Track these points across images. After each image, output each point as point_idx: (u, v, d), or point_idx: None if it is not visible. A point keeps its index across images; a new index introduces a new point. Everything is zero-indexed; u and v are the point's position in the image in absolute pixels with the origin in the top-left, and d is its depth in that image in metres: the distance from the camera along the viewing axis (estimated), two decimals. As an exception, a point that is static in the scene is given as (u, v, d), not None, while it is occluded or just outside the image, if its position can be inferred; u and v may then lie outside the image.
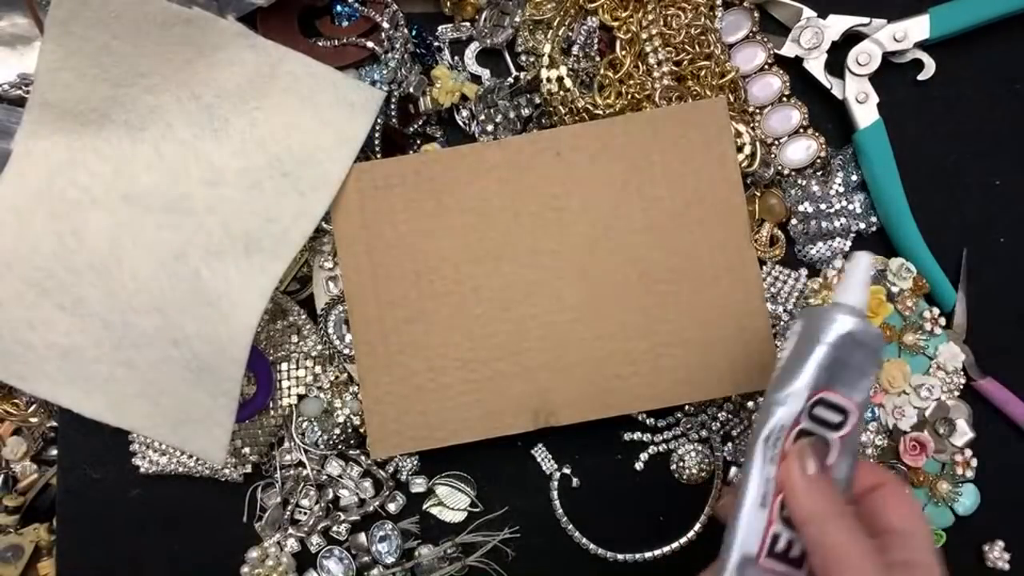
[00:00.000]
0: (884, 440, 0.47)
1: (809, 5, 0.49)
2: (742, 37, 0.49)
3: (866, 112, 0.48)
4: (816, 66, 0.48)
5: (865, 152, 0.48)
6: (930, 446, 0.47)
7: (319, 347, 0.49)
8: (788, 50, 0.49)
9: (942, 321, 0.48)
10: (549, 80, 0.47)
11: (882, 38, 0.48)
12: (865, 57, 0.48)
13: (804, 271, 0.49)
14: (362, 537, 0.49)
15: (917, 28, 0.48)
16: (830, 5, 0.49)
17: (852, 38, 0.48)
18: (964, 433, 0.47)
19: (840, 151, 0.49)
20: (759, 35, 0.49)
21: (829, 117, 0.50)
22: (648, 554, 0.49)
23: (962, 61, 0.50)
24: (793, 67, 0.50)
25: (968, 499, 0.47)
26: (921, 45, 0.48)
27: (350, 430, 0.49)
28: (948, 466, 0.48)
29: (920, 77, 0.49)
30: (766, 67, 0.49)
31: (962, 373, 0.48)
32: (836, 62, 0.49)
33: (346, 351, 0.48)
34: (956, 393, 0.48)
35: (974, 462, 0.48)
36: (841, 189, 0.48)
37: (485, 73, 0.50)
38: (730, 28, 0.50)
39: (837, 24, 0.48)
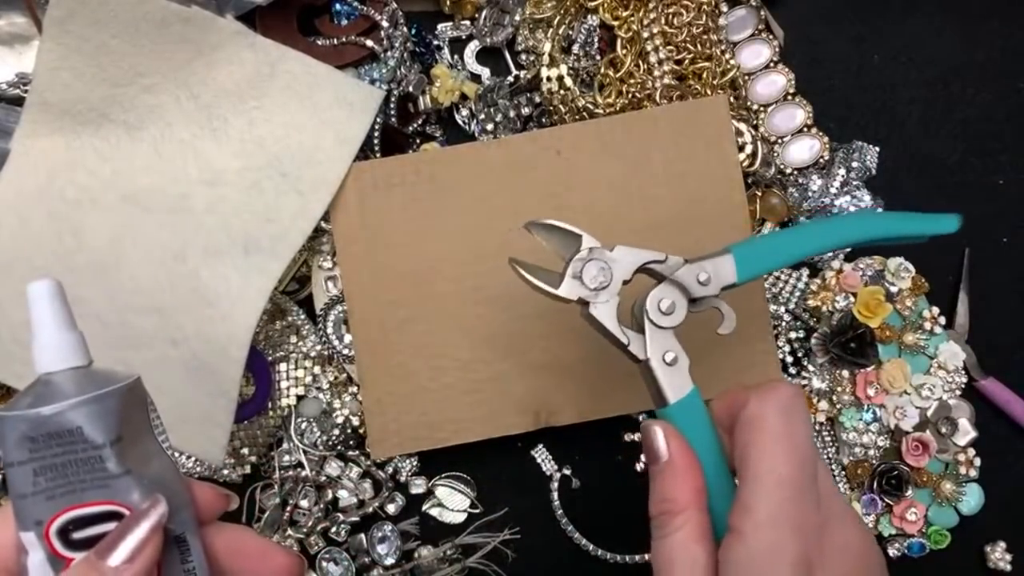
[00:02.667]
0: (886, 441, 0.47)
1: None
2: (748, 35, 0.49)
3: (677, 378, 0.35)
4: (606, 313, 0.35)
5: (683, 431, 0.33)
6: (933, 446, 0.47)
7: (318, 347, 0.49)
8: (566, 289, 0.35)
9: (942, 320, 0.47)
10: (549, 79, 0.47)
11: (683, 278, 0.36)
12: (668, 304, 0.35)
13: (805, 271, 0.49)
14: (361, 538, 0.49)
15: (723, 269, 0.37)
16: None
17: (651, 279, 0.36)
18: (967, 432, 0.47)
19: (842, 147, 0.49)
20: (764, 32, 0.49)
21: (834, 116, 0.50)
22: (648, 554, 0.49)
23: (963, 60, 0.50)
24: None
25: (972, 499, 0.47)
26: (728, 288, 0.37)
27: (349, 431, 0.49)
28: (951, 466, 0.47)
29: (720, 331, 0.38)
30: (771, 64, 0.49)
31: (963, 372, 0.48)
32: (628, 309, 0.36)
33: (345, 351, 0.48)
34: (958, 392, 0.48)
35: (977, 461, 0.47)
36: (842, 187, 0.48)
37: (485, 72, 0.50)
38: (736, 26, 0.49)
39: (626, 259, 0.36)
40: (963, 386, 0.48)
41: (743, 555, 0.29)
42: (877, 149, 0.49)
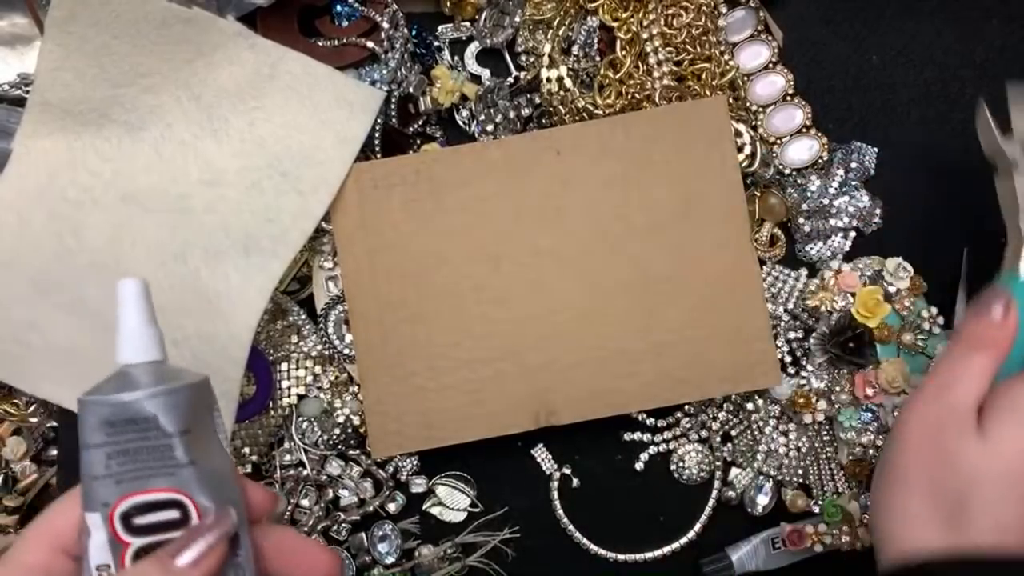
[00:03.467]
0: (885, 440, 0.47)
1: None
2: (747, 36, 0.49)
3: None
4: None
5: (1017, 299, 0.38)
6: None
7: (319, 347, 0.49)
8: (1009, 147, 0.40)
9: (940, 320, 0.48)
10: (549, 80, 0.47)
11: None
12: None
13: (804, 271, 0.49)
14: (362, 537, 0.49)
15: None
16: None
17: None
18: None
19: (840, 147, 0.49)
20: (763, 33, 0.49)
21: (833, 117, 0.50)
22: (648, 554, 0.49)
23: (962, 60, 0.50)
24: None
25: None
26: None
27: (350, 430, 0.49)
28: None
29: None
30: (770, 65, 0.49)
31: None
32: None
33: (346, 351, 0.48)
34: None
35: None
36: (841, 187, 0.48)
37: (485, 73, 0.50)
38: (735, 27, 0.49)
39: None
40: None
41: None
42: (876, 150, 0.49)
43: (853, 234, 0.49)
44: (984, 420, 0.35)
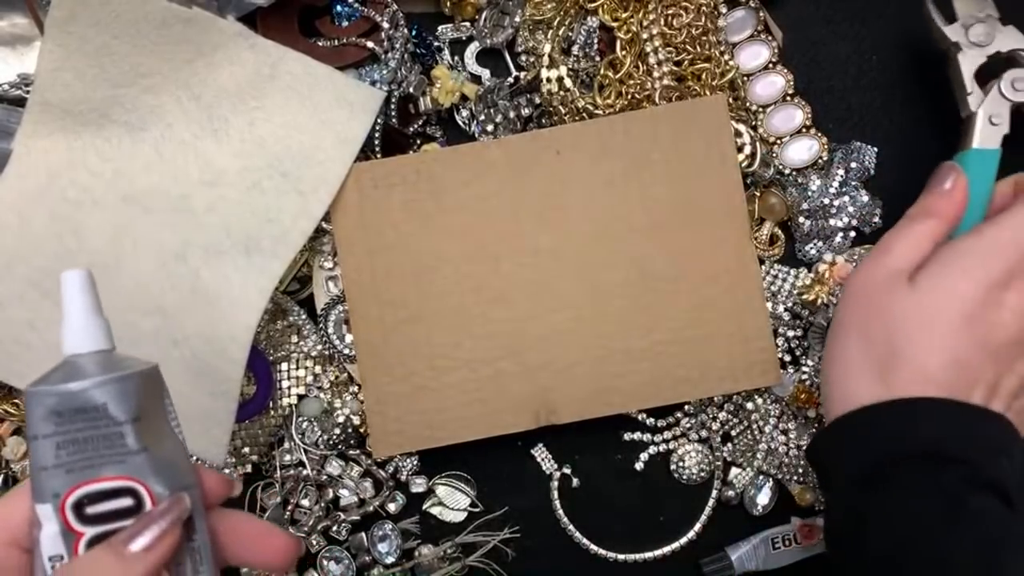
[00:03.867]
0: None
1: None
2: (747, 36, 0.49)
3: (990, 136, 0.43)
4: (968, 64, 0.44)
5: (970, 175, 0.41)
6: None
7: (319, 347, 0.49)
8: (951, 32, 0.44)
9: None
10: (549, 80, 0.47)
11: None
12: (1022, 84, 0.43)
13: (804, 270, 0.49)
14: (362, 537, 0.49)
15: None
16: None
17: (1009, 61, 0.44)
18: None
19: (840, 147, 0.49)
20: (763, 34, 0.49)
21: (833, 117, 0.50)
22: (648, 554, 0.49)
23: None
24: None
25: None
26: None
27: (350, 430, 0.49)
28: None
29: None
30: (770, 66, 0.49)
31: None
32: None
33: (346, 351, 0.48)
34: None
35: None
36: (841, 187, 0.48)
37: (485, 73, 0.50)
38: (735, 27, 0.49)
39: (1011, 37, 0.44)
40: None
41: (967, 243, 0.37)
42: (876, 149, 0.49)
43: (853, 234, 0.49)
44: (916, 275, 0.38)
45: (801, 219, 0.49)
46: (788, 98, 0.49)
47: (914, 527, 0.34)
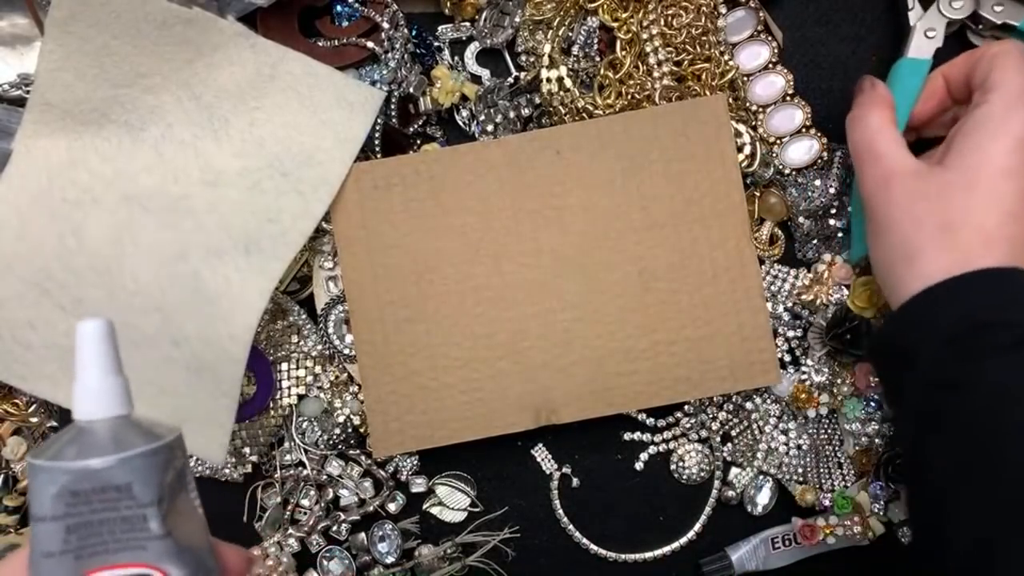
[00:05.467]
0: (890, 428, 0.47)
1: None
2: (746, 36, 0.49)
3: (923, 47, 0.46)
4: None
5: (898, 82, 0.46)
6: None
7: (319, 347, 0.49)
8: None
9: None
10: (549, 80, 0.47)
11: None
12: (959, 3, 0.46)
13: (804, 270, 0.49)
14: (362, 537, 0.49)
15: (1015, 11, 0.46)
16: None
17: None
18: None
19: (840, 147, 0.49)
20: (763, 34, 0.49)
21: (833, 117, 0.50)
22: (648, 554, 0.49)
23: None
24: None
25: None
26: (1001, 30, 0.47)
27: (350, 430, 0.49)
28: None
29: None
30: (770, 65, 0.49)
31: None
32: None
33: (346, 351, 0.48)
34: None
35: None
36: (841, 187, 0.48)
37: (485, 73, 0.50)
38: (735, 27, 0.49)
39: None
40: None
41: (981, 114, 0.39)
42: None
43: (853, 233, 0.49)
44: (942, 158, 0.40)
45: (801, 219, 0.49)
46: (788, 98, 0.49)
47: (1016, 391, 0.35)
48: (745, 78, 0.49)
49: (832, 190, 0.48)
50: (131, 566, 0.24)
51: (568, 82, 0.47)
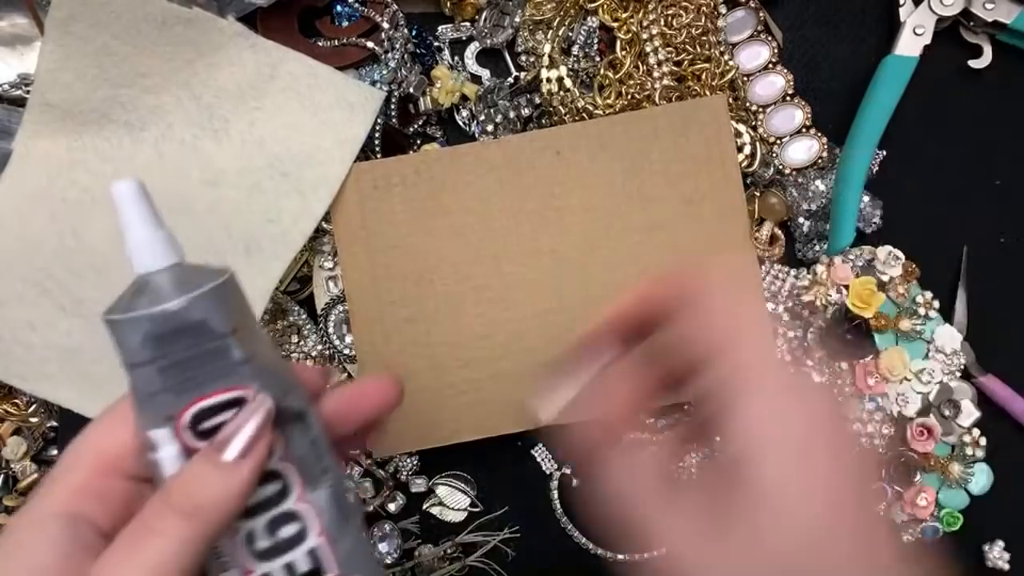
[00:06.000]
0: (891, 429, 0.47)
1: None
2: (747, 36, 0.49)
3: (911, 44, 0.47)
4: None
5: (883, 78, 0.47)
6: (937, 430, 0.47)
7: (319, 347, 0.49)
8: None
9: (935, 304, 0.47)
10: (549, 80, 0.47)
11: None
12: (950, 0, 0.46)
13: (804, 270, 0.49)
14: (362, 537, 0.49)
15: (1007, 9, 0.46)
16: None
17: None
18: (970, 413, 0.47)
19: (840, 148, 0.49)
20: (763, 34, 0.49)
21: (833, 117, 0.50)
22: (648, 554, 0.49)
23: (965, 55, 0.50)
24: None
25: (981, 478, 0.47)
26: (992, 27, 0.47)
27: (350, 430, 0.49)
28: (958, 448, 0.47)
29: (972, 64, 0.49)
30: (770, 66, 0.49)
31: (961, 354, 0.48)
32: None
33: (346, 351, 0.48)
34: (957, 374, 0.48)
35: (983, 441, 0.47)
36: (841, 188, 0.48)
37: (485, 73, 0.50)
38: (735, 27, 0.49)
39: None
40: (962, 367, 0.48)
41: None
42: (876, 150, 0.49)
43: (855, 232, 0.49)
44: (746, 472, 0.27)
45: (801, 219, 0.49)
46: (788, 98, 0.49)
47: None
48: (745, 78, 0.49)
49: (832, 191, 0.48)
50: (224, 391, 0.26)
51: (568, 82, 0.47)
